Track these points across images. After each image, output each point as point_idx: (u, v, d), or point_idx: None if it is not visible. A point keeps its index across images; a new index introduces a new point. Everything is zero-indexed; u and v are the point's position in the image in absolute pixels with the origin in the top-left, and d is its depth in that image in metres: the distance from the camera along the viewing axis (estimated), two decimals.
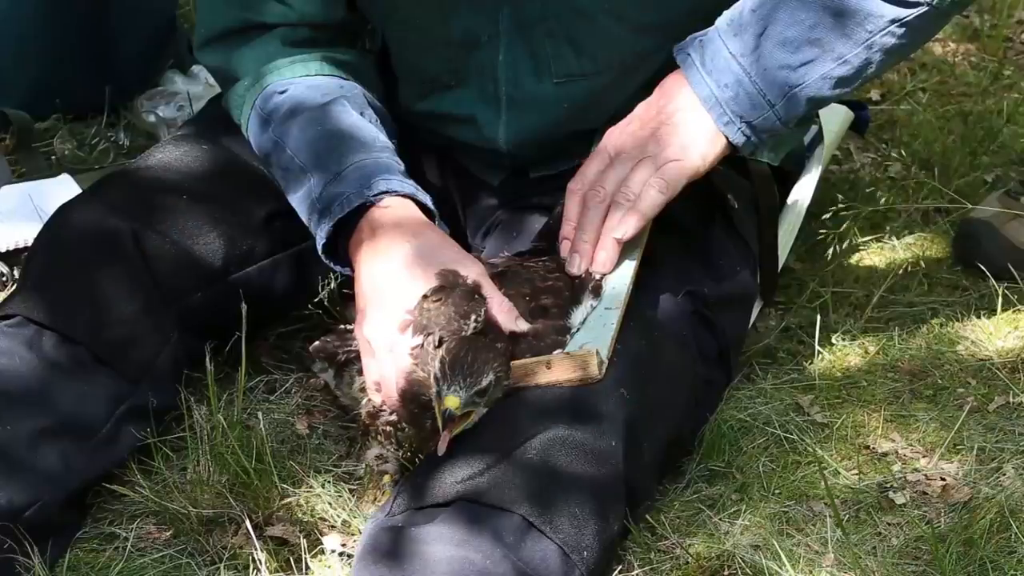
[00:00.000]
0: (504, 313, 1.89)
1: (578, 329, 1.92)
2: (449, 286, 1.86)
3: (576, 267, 1.96)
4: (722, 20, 1.99)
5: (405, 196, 1.95)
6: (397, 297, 1.88)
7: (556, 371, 1.85)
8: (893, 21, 1.97)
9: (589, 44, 2.04)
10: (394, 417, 1.91)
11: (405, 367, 1.86)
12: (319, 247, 1.98)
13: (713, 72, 1.96)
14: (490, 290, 1.89)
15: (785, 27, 1.95)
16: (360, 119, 2.05)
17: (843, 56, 1.98)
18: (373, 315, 1.90)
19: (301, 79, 2.10)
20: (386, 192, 1.94)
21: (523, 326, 1.89)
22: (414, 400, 1.85)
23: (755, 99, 1.97)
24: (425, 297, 1.86)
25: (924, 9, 1.98)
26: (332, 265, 1.99)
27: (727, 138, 1.98)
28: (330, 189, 1.97)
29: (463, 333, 1.82)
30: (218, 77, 2.21)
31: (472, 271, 1.89)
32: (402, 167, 2.01)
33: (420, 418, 1.86)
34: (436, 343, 1.83)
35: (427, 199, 1.97)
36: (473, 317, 1.84)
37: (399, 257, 1.90)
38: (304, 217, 2.02)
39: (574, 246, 1.97)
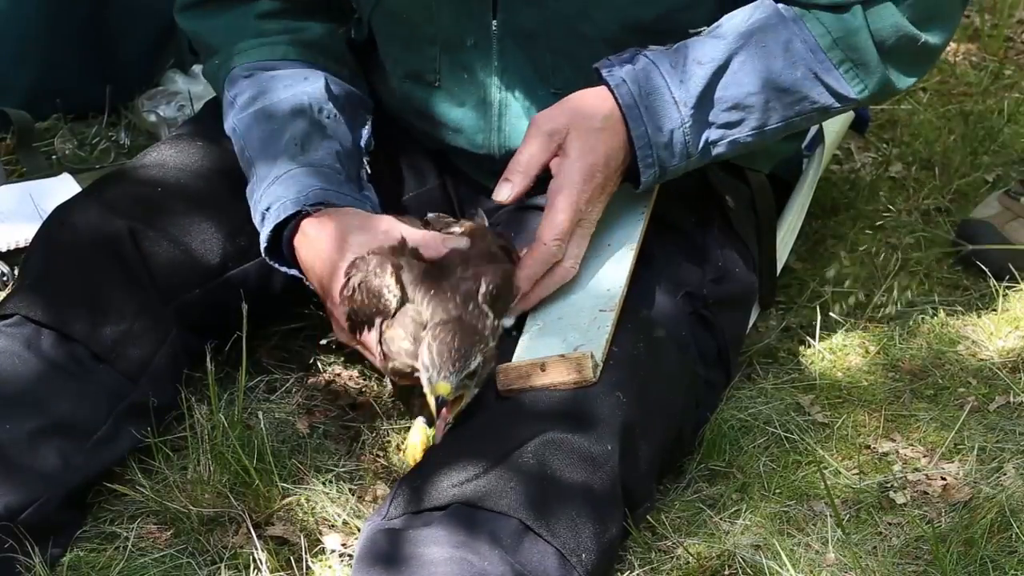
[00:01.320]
0: (427, 244, 1.89)
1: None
2: (360, 270, 1.87)
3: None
4: (662, 61, 1.94)
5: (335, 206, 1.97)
6: (332, 302, 1.93)
7: (551, 374, 1.84)
8: (820, 108, 1.98)
9: (587, 65, 2.01)
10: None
11: (379, 358, 1.89)
12: (262, 249, 2.01)
13: (650, 110, 1.92)
14: (406, 232, 1.90)
15: (725, 87, 1.94)
16: (312, 120, 2.06)
17: (762, 127, 1.97)
18: (333, 324, 1.96)
19: (266, 63, 2.11)
20: (321, 203, 1.96)
21: (455, 243, 1.90)
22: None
23: (680, 149, 1.94)
24: (342, 295, 1.88)
25: (851, 104, 1.98)
26: (278, 267, 2.01)
27: (637, 175, 1.94)
28: (268, 192, 2.00)
29: (389, 307, 1.84)
30: (195, 43, 2.23)
31: (379, 234, 1.90)
32: (343, 175, 2.02)
33: (409, 376, 1.87)
34: (381, 331, 1.86)
35: (359, 205, 1.98)
36: (386, 290, 1.84)
37: (316, 266, 1.93)
38: (252, 212, 2.04)
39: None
